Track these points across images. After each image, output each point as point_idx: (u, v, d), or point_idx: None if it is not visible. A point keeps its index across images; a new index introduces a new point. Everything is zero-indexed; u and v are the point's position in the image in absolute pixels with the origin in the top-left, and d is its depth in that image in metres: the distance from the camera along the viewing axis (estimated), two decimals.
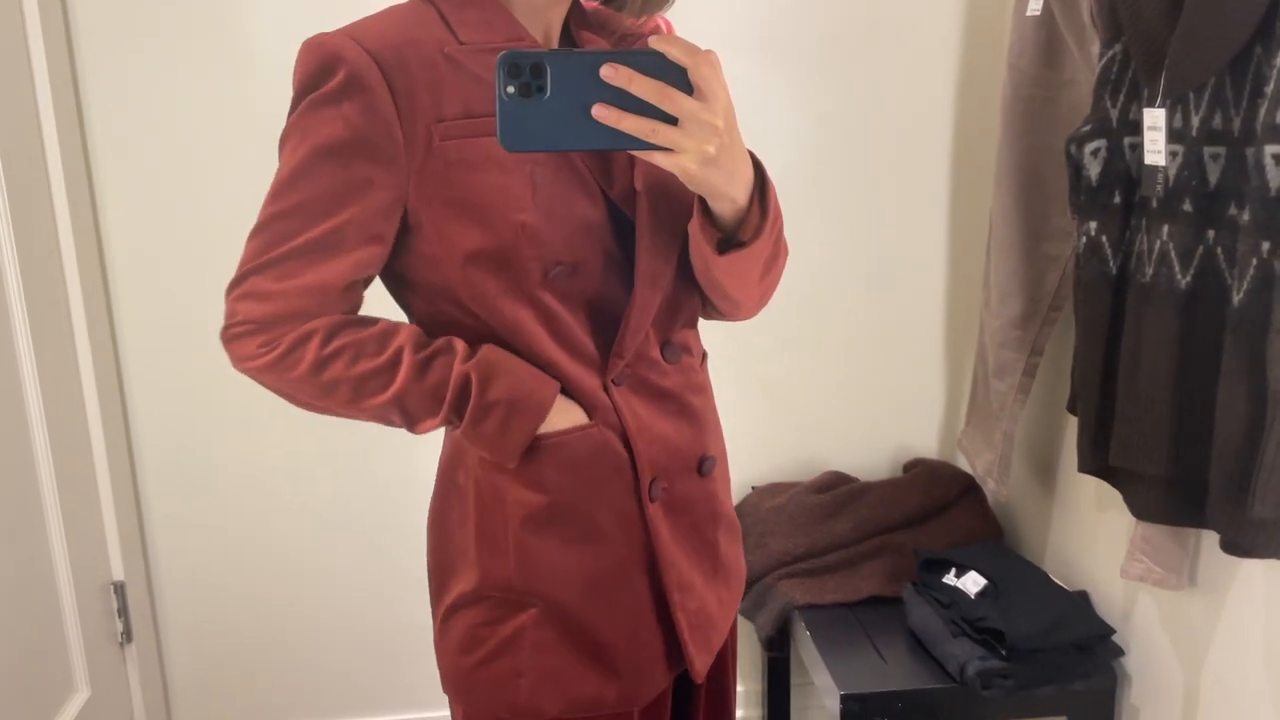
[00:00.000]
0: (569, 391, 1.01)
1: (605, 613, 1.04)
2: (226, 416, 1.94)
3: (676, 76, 0.83)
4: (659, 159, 0.85)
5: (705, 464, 1.09)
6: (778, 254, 1.04)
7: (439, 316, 1.01)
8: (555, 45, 1.02)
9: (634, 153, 0.85)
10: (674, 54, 0.82)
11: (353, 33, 0.92)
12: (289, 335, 0.95)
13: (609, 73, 0.81)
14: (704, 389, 1.12)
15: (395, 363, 0.96)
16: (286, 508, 2.00)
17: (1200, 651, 1.48)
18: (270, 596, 2.04)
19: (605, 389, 1.02)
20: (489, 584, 1.03)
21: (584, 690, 1.03)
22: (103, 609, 1.88)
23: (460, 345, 0.98)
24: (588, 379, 1.01)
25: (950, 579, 1.73)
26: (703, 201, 0.94)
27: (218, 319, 0.97)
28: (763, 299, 1.10)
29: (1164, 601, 1.56)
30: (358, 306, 1.01)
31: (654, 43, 0.83)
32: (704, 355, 1.14)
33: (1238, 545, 1.26)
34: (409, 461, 2.03)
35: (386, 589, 2.06)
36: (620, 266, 1.01)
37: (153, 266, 1.87)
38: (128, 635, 1.93)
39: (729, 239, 0.96)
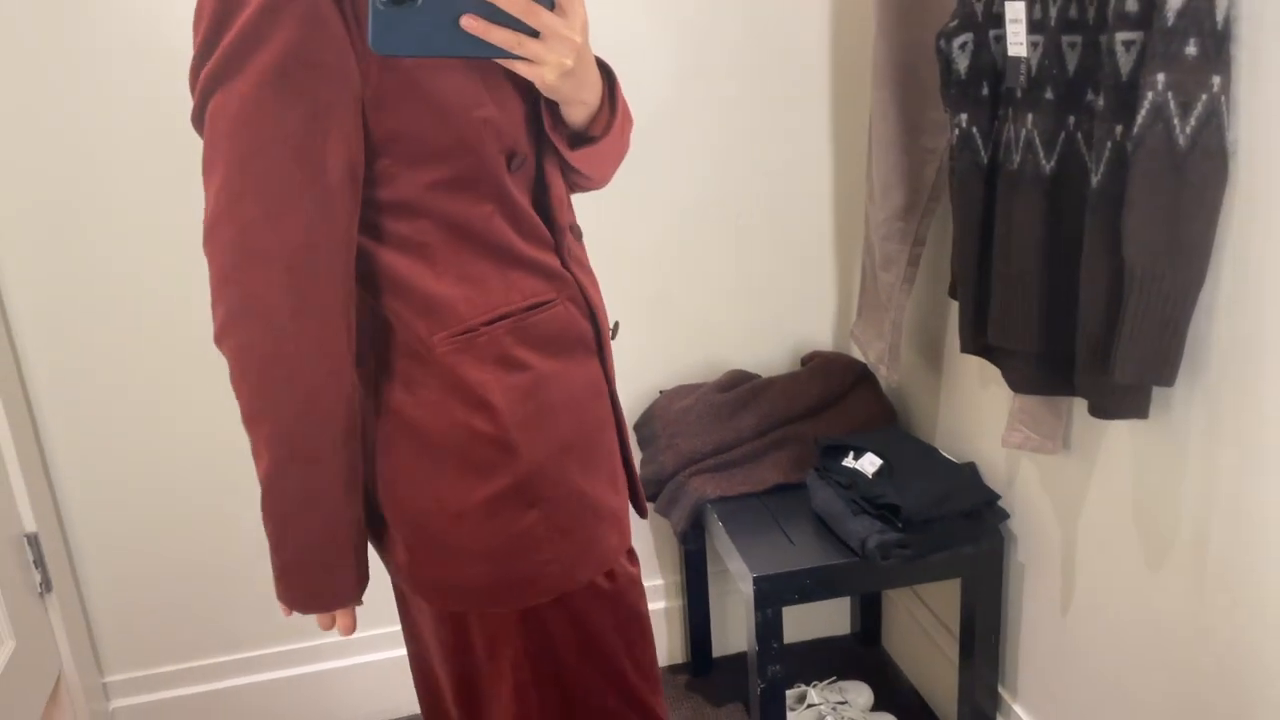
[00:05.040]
0: (535, 273, 1.06)
1: (604, 470, 1.14)
2: (124, 359, 1.91)
3: None
4: (520, 68, 0.94)
5: (616, 328, 1.21)
6: (625, 131, 1.15)
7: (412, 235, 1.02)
8: None
9: (498, 61, 0.93)
10: None
11: None
12: None
13: None
14: None
15: None
16: (194, 443, 2.00)
17: (1076, 509, 1.61)
18: (188, 533, 2.05)
19: (563, 265, 1.09)
20: (523, 474, 1.06)
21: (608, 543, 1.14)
22: (18, 561, 1.86)
23: None
24: (547, 259, 1.07)
25: (849, 462, 1.83)
26: (553, 105, 1.03)
27: (109, 265, 0.96)
28: (615, 170, 1.20)
29: (1043, 466, 1.68)
30: None
31: None
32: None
33: (1103, 410, 1.37)
34: None
35: None
36: (534, 156, 1.06)
37: (43, 214, 1.81)
38: (46, 585, 1.92)
39: (581, 135, 1.08)
